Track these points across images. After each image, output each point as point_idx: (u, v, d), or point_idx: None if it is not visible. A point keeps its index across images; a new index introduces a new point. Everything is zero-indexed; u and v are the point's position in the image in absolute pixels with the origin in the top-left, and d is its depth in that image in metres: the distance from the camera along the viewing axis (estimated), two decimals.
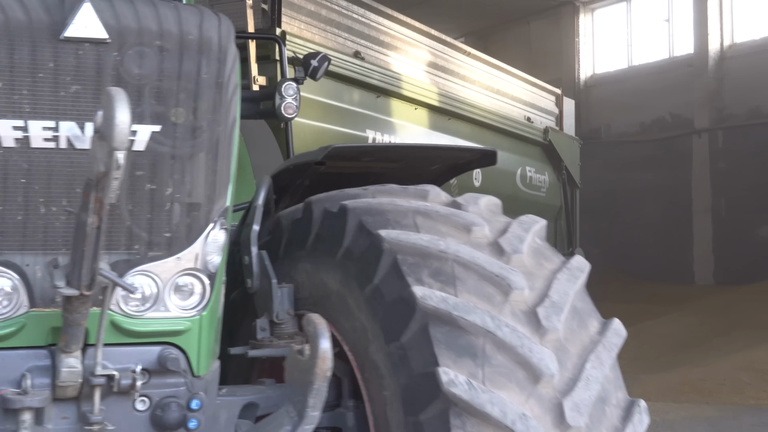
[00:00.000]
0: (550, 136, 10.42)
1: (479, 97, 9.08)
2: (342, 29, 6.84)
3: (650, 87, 15.04)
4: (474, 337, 1.96)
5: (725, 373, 8.18)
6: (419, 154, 2.89)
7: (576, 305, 2.22)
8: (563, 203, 10.93)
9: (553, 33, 16.44)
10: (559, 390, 2.01)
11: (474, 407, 1.86)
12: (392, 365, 2.02)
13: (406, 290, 1.99)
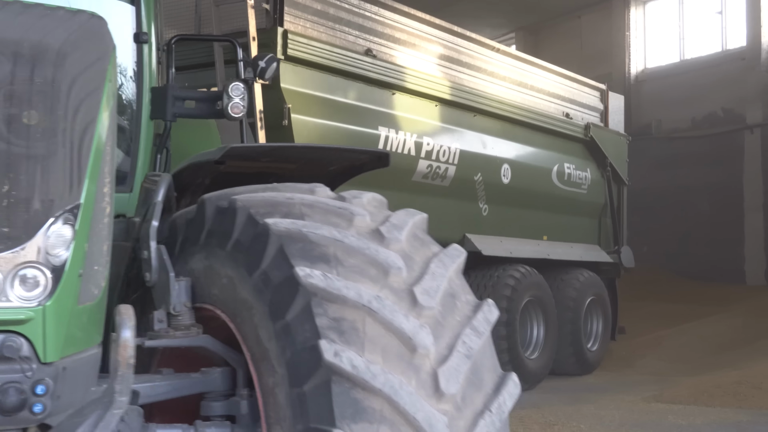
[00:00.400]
0: (592, 132, 10.20)
1: (510, 93, 8.94)
2: (353, 27, 6.85)
3: (702, 81, 14.54)
4: (355, 312, 2.06)
5: (763, 377, 7.84)
6: (316, 155, 3.01)
7: (451, 286, 2.32)
8: (608, 201, 10.66)
9: (603, 27, 16.08)
10: (433, 361, 2.12)
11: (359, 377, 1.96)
12: (279, 345, 2.11)
13: (291, 271, 2.08)
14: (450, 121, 7.92)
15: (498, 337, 8.11)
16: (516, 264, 8.64)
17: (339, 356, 1.99)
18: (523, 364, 8.36)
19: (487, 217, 8.53)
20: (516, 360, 8.26)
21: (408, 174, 7.34)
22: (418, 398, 2.04)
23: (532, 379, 8.52)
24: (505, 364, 8.16)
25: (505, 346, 8.14)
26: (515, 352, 8.28)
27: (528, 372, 8.45)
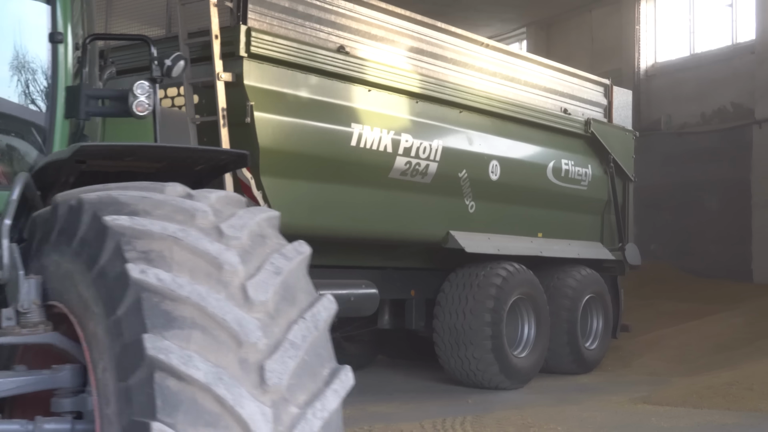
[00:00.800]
0: (593, 128, 9.98)
1: (500, 89, 8.77)
2: (325, 24, 6.77)
3: (712, 76, 14.18)
4: (184, 307, 2.09)
5: (757, 378, 7.58)
6: (174, 154, 2.96)
7: (288, 282, 2.35)
8: (612, 197, 10.42)
9: (614, 21, 15.76)
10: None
11: (177, 370, 1.97)
12: (110, 340, 2.13)
13: (124, 267, 2.12)
14: (432, 118, 7.79)
15: (483, 336, 7.98)
16: (505, 261, 8.49)
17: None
18: (509, 363, 8.22)
19: (475, 214, 8.38)
20: (502, 358, 8.12)
21: (384, 171, 7.24)
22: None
23: (520, 378, 8.37)
24: (490, 363, 8.03)
25: (490, 346, 7.99)
26: (501, 350, 8.12)
27: (515, 371, 8.31)
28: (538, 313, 8.75)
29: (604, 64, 15.53)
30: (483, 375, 8.15)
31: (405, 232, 7.71)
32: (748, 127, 13.39)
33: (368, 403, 7.04)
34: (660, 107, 15.08)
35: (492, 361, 8.06)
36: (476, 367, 8.13)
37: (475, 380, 8.22)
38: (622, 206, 10.72)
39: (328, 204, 6.84)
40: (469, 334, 8.06)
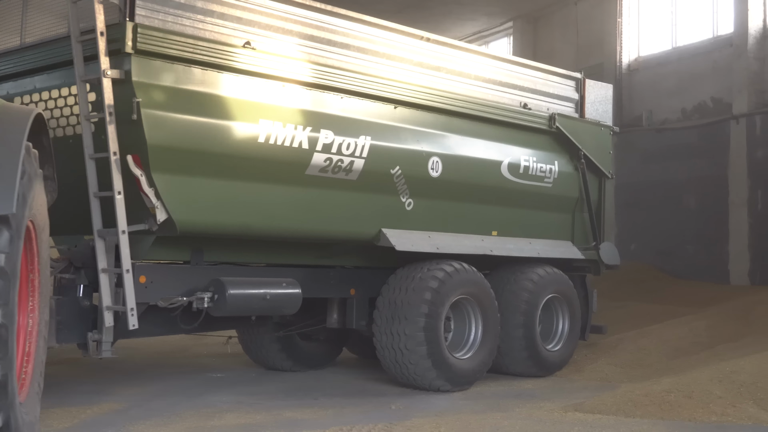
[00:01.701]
0: (559, 122, 9.57)
1: (444, 83, 8.44)
2: (228, 19, 6.54)
3: (692, 70, 13.63)
4: None
5: (698, 385, 7.13)
6: None
7: None
8: (584, 195, 9.99)
9: (598, 14, 15.22)
10: None
11: None
12: None
13: None
14: (360, 114, 7.50)
15: (417, 340, 7.67)
16: (450, 260, 8.18)
17: None
18: (448, 365, 7.90)
19: (413, 212, 8.08)
20: (439, 361, 7.81)
21: (300, 168, 6.99)
22: None
23: (461, 380, 8.05)
24: (426, 367, 7.73)
25: (425, 350, 7.69)
26: (438, 352, 7.81)
27: (456, 373, 7.99)
28: (485, 313, 8.41)
29: (589, 58, 15.09)
30: (420, 378, 7.86)
31: (330, 230, 7.46)
32: (726, 123, 12.81)
33: (287, 408, 6.81)
34: (642, 102, 14.57)
35: (429, 366, 7.75)
36: (414, 371, 7.84)
37: (414, 383, 7.95)
38: (597, 204, 10.29)
39: (236, 201, 6.62)
40: (403, 334, 7.77)
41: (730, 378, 7.08)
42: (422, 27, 18.45)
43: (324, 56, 7.30)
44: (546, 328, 9.43)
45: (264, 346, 9.09)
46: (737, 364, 7.30)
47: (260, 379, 8.35)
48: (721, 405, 6.82)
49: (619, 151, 14.60)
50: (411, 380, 7.94)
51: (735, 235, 12.55)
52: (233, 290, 6.72)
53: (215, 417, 6.28)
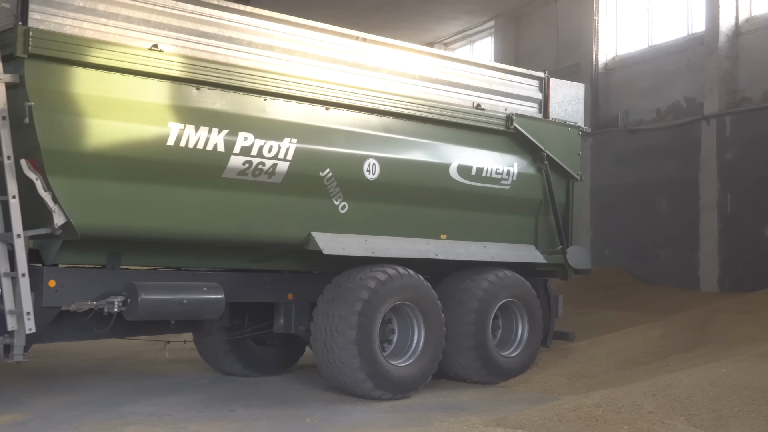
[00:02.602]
0: (518, 123, 9.33)
1: (385, 84, 8.29)
2: (135, 22, 6.48)
3: (667, 68, 13.28)
4: None
5: (631, 399, 6.83)
6: None
7: None
8: (548, 198, 9.75)
9: (577, 12, 14.88)
10: None
11: None
12: None
13: None
14: (285, 116, 7.39)
15: (349, 355, 7.55)
16: (387, 265, 8.05)
17: None
18: (385, 374, 7.75)
19: (347, 215, 7.95)
20: (374, 371, 7.65)
21: (215, 171, 6.89)
22: None
23: (398, 388, 7.89)
24: (362, 380, 7.61)
25: (357, 362, 7.56)
26: (372, 363, 7.65)
27: (393, 382, 7.83)
28: (427, 320, 8.26)
29: (568, 57, 14.82)
30: (357, 389, 7.74)
31: (254, 234, 7.36)
32: (697, 124, 12.46)
33: (196, 421, 6.65)
34: (618, 103, 14.25)
35: (363, 377, 7.60)
36: (350, 383, 7.72)
37: (351, 392, 7.84)
38: (565, 207, 10.02)
39: (144, 205, 6.55)
40: (336, 347, 7.66)
41: (665, 392, 6.78)
42: (402, 26, 18.50)
43: (245, 58, 7.21)
44: (506, 334, 9.27)
45: (215, 351, 9.04)
46: (676, 377, 7.04)
47: (191, 387, 8.24)
48: (649, 421, 6.56)
49: (596, 152, 14.31)
50: (348, 390, 7.83)
51: (705, 240, 12.23)
52: (146, 295, 6.67)
53: (116, 429, 6.21)
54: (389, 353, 8.18)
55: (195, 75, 6.76)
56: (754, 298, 10.15)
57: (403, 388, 7.93)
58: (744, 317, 9.21)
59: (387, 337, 8.21)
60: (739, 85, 11.85)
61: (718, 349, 8.22)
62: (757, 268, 11.35)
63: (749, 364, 7.08)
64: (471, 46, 20.34)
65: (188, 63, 6.73)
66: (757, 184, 11.42)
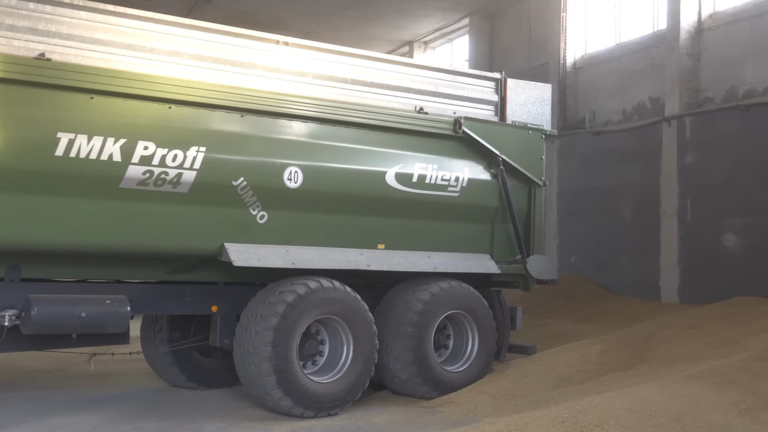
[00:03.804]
0: (467, 126, 9.24)
1: (311, 89, 8.30)
2: (20, 31, 6.52)
3: (633, 67, 13.09)
4: None
5: (537, 427, 6.49)
6: None
7: None
8: (506, 204, 9.63)
9: (546, 9, 14.68)
10: None
11: None
12: None
13: None
14: (192, 123, 7.40)
15: (264, 372, 7.53)
16: (311, 277, 8.02)
17: None
18: (302, 389, 7.71)
19: (267, 225, 7.93)
20: (290, 385, 7.63)
21: (112, 181, 6.93)
22: None
23: (322, 407, 7.86)
24: (280, 398, 7.59)
25: (273, 380, 7.54)
26: (288, 375, 7.63)
27: (314, 400, 7.78)
28: (355, 334, 8.21)
29: (540, 56, 14.64)
30: (276, 407, 7.73)
31: (160, 245, 7.36)
32: (658, 125, 12.23)
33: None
34: (587, 103, 14.05)
35: (281, 395, 7.58)
36: (269, 402, 7.72)
37: (267, 406, 7.85)
38: (526, 214, 9.87)
39: (38, 217, 6.60)
40: (252, 364, 7.66)
41: (576, 419, 6.55)
42: (376, 24, 18.49)
43: (148, 65, 7.24)
44: (456, 348, 9.20)
45: (160, 362, 9.16)
46: (591, 401, 6.89)
47: (93, 404, 8.17)
48: None
49: (562, 155, 14.13)
50: (269, 408, 7.84)
51: (666, 249, 12.04)
52: (40, 308, 6.74)
53: None
54: (318, 369, 8.17)
55: (87, 84, 6.79)
56: (704, 312, 9.97)
57: (326, 405, 7.89)
58: (690, 333, 9.03)
59: (313, 352, 8.18)
60: (702, 85, 11.65)
61: (656, 368, 8.07)
62: (715, 278, 11.13)
63: (674, 387, 6.95)
64: (450, 45, 20.26)
65: (79, 71, 6.76)
66: (716, 190, 11.21)
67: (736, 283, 10.66)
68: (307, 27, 18.83)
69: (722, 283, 10.93)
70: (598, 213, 13.42)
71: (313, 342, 8.20)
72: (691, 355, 8.14)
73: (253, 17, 18.12)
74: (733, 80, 11.11)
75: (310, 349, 8.17)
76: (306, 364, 8.14)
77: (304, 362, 8.13)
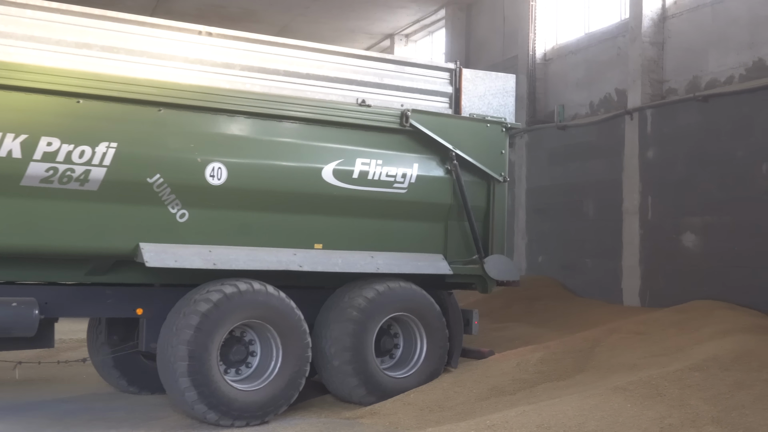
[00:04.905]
0: (416, 120, 9.14)
1: (237, 81, 8.29)
2: None
3: (600, 58, 12.92)
4: None
5: None
6: None
7: None
8: (461, 202, 9.53)
9: None
10: None
11: None
12: None
13: None
14: (103, 118, 7.39)
15: (179, 373, 7.52)
16: (230, 280, 7.97)
17: None
18: (222, 396, 7.68)
19: (188, 224, 7.91)
20: (208, 389, 7.60)
21: (12, 179, 6.93)
22: None
23: (244, 416, 7.83)
24: (195, 402, 7.55)
25: (191, 388, 7.52)
26: (208, 383, 7.60)
27: (236, 408, 7.75)
28: (284, 339, 8.16)
29: (513, 48, 14.52)
30: (194, 414, 7.73)
31: (68, 245, 7.35)
32: (621, 119, 12.08)
33: None
34: (557, 96, 13.91)
35: (196, 399, 7.58)
36: (188, 409, 7.71)
37: (183, 411, 7.84)
38: (485, 212, 9.76)
39: None
40: (171, 368, 7.64)
41: None
42: (351, 17, 18.51)
43: (54, 58, 7.25)
44: (405, 353, 9.14)
45: (100, 366, 9.23)
46: (504, 416, 6.82)
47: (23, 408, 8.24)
48: None
49: (531, 150, 14.01)
50: (187, 414, 7.83)
51: (628, 249, 11.90)
52: None
53: None
54: (248, 375, 8.15)
55: None
56: (654, 317, 9.83)
57: (246, 414, 7.84)
58: (637, 340, 8.91)
59: (240, 358, 8.14)
60: (666, 75, 11.47)
61: (593, 378, 7.96)
62: (675, 281, 10.98)
63: (596, 401, 6.86)
64: (430, 37, 20.21)
65: None
66: (676, 187, 11.04)
67: (696, 286, 10.54)
68: (282, 20, 18.83)
69: (682, 285, 10.79)
70: (564, 211, 13.30)
71: (241, 347, 8.17)
72: (632, 364, 8.03)
73: (224, 10, 18.17)
74: (696, 70, 10.96)
75: (237, 354, 8.15)
76: (239, 369, 8.15)
77: (237, 368, 8.14)
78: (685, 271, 10.71)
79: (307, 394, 8.86)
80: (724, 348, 7.94)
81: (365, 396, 8.64)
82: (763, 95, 9.71)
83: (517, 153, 14.45)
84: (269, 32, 12.63)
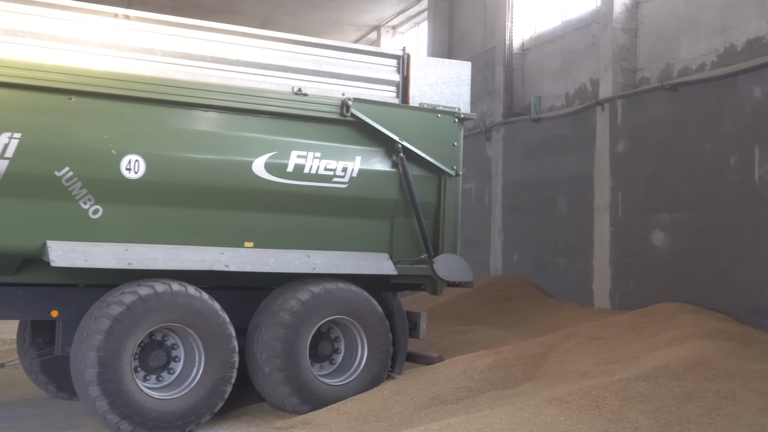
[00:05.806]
0: (357, 109, 8.88)
1: (157, 68, 8.09)
2: None
3: (575, 47, 12.56)
4: None
5: None
6: None
7: None
8: (408, 198, 9.24)
9: None
10: None
11: None
12: None
13: None
14: (5, 107, 7.20)
15: (88, 380, 7.34)
16: (147, 281, 7.79)
17: None
18: (135, 405, 7.50)
19: (102, 221, 7.71)
20: (122, 402, 7.42)
21: None
22: None
23: (162, 426, 7.63)
24: (106, 411, 7.38)
25: (98, 391, 7.37)
26: (119, 391, 7.42)
27: (151, 418, 7.58)
28: (207, 345, 7.96)
29: (492, 38, 14.25)
30: (106, 422, 7.54)
31: None
32: (593, 110, 11.74)
33: None
34: (534, 88, 13.60)
35: (107, 407, 7.41)
36: (101, 415, 7.52)
37: (98, 420, 7.68)
38: (435, 208, 9.48)
39: None
40: (79, 370, 7.49)
41: None
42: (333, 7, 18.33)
43: None
44: (347, 358, 8.91)
45: (29, 370, 9.10)
46: (427, 429, 6.54)
47: None
48: None
49: (507, 144, 13.72)
50: (102, 424, 7.67)
51: (599, 248, 11.51)
52: None
53: None
54: (169, 383, 7.96)
55: None
56: (615, 321, 9.47)
57: (163, 425, 7.63)
58: (593, 345, 8.58)
59: (160, 364, 7.95)
60: (639, 63, 11.09)
61: (541, 386, 7.65)
62: (644, 281, 10.60)
63: (529, 413, 6.56)
64: (417, 29, 20.00)
65: None
66: (646, 182, 10.65)
67: (664, 287, 10.18)
68: (263, 12, 18.72)
69: (650, 287, 10.42)
70: (538, 208, 12.99)
71: (162, 353, 7.99)
72: (583, 372, 7.71)
73: (202, 2, 18.10)
74: (668, 57, 10.57)
75: (157, 360, 7.97)
76: (160, 376, 7.96)
77: (158, 375, 7.96)
78: (653, 272, 10.36)
79: (246, 401, 8.72)
80: (679, 355, 7.60)
81: (299, 404, 8.41)
82: (730, 84, 9.32)
83: (493, 147, 14.18)
84: (250, 24, 12.44)
